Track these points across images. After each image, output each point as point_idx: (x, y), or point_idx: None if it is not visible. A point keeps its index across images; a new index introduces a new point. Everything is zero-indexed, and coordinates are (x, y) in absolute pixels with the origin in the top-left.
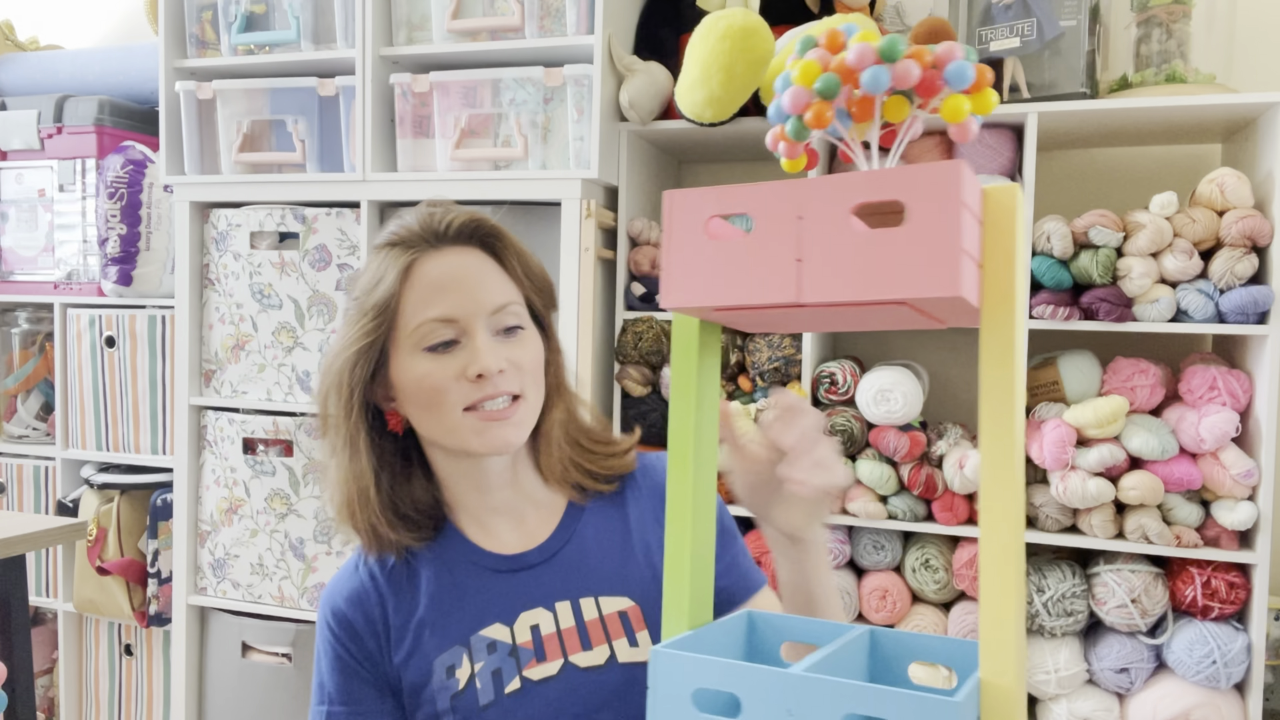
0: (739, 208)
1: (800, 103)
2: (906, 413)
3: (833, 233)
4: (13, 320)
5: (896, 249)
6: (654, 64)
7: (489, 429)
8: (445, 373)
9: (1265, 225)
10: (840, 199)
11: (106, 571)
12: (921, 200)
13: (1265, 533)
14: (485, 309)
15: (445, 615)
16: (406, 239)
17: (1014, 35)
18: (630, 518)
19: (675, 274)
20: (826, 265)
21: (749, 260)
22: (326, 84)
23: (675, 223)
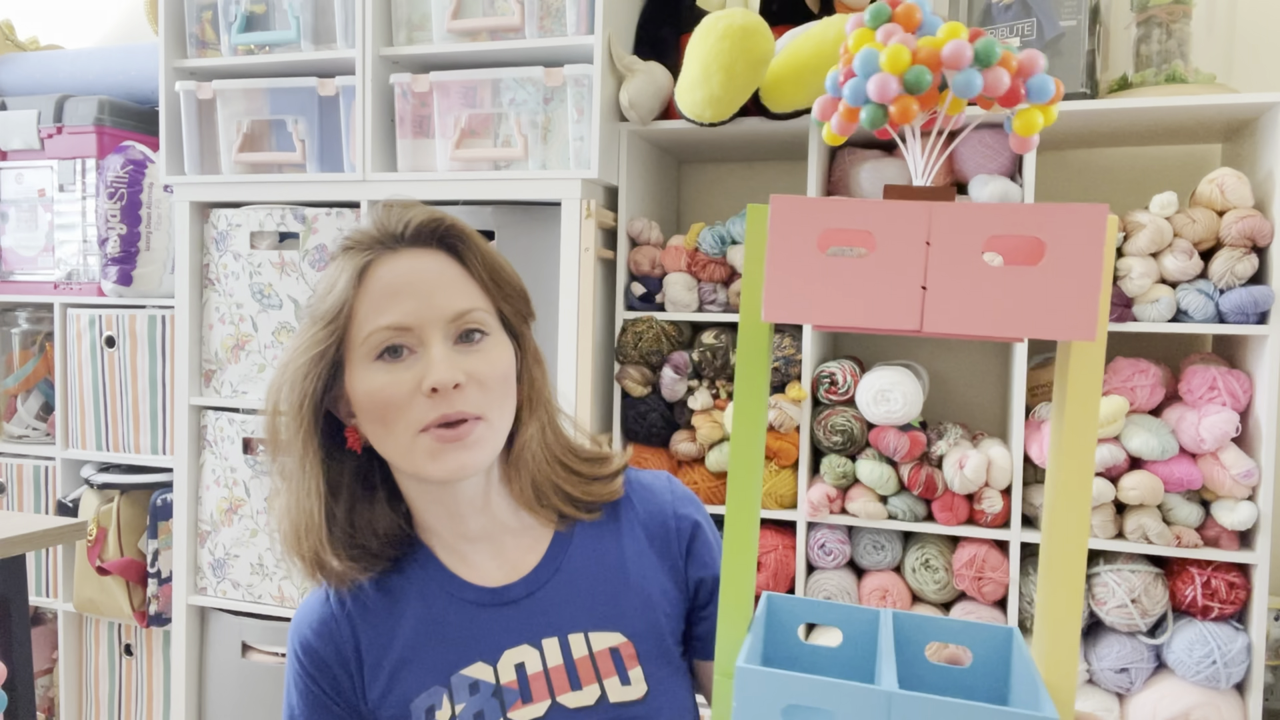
0: (860, 224)
1: (888, 92)
2: (906, 413)
3: (963, 263)
4: (13, 320)
5: (1032, 288)
6: (654, 64)
7: (444, 453)
8: (400, 386)
9: (1265, 225)
10: (974, 229)
11: (106, 571)
12: (1065, 242)
13: (1265, 533)
14: (443, 315)
15: (424, 652)
16: (361, 241)
17: (1014, 35)
18: (625, 546)
19: (783, 287)
20: (954, 296)
21: (869, 281)
22: (326, 84)
23: (784, 232)
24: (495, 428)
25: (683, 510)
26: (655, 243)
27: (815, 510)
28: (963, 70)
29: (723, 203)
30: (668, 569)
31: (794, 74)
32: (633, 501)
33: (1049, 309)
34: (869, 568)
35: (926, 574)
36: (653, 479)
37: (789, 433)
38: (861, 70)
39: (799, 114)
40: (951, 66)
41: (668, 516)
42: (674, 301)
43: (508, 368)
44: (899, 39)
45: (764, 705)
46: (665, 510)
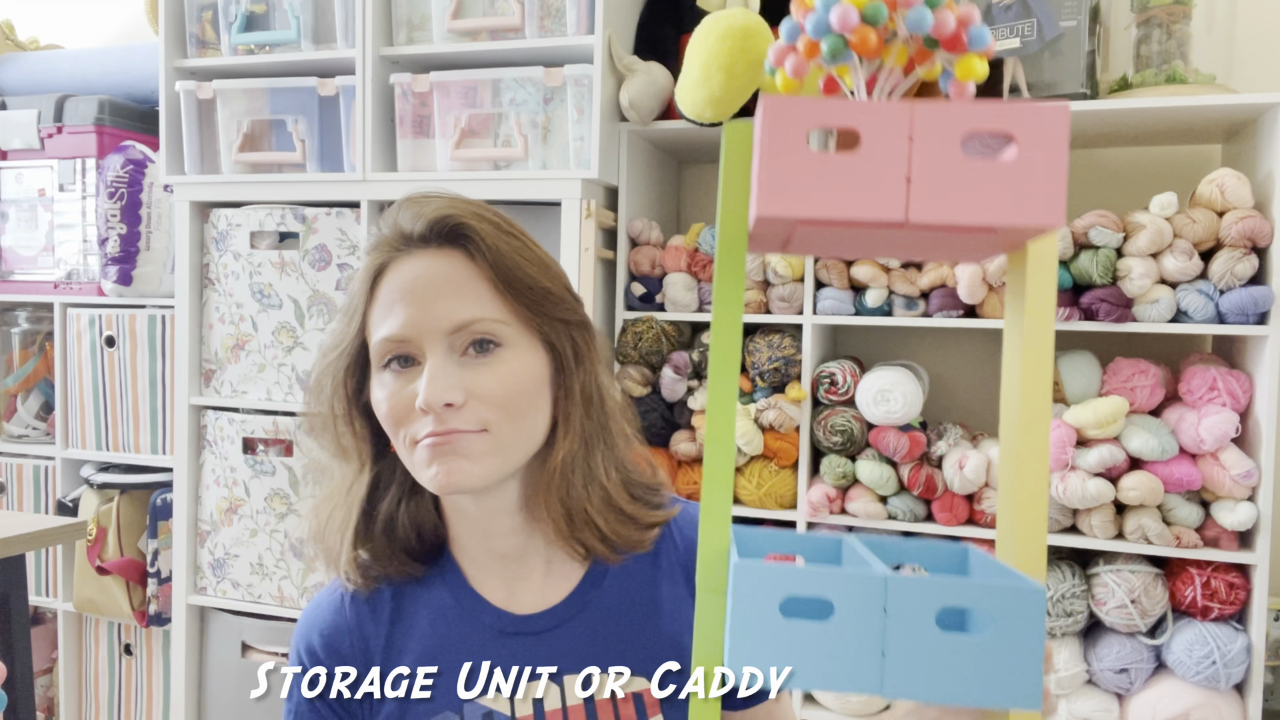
0: (848, 122)
1: (849, 21)
2: (906, 413)
3: (944, 157)
4: (13, 320)
5: (1005, 179)
6: (654, 64)
7: (438, 464)
8: (400, 399)
9: (1265, 226)
10: (952, 126)
11: (106, 571)
12: (1033, 136)
13: (1265, 533)
14: (443, 326)
15: (438, 674)
16: (379, 244)
17: (1014, 35)
18: (661, 588)
19: (774, 182)
20: (936, 187)
21: (857, 175)
22: (326, 84)
23: (774, 130)
24: (504, 442)
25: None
26: (655, 243)
27: (815, 510)
28: (915, 6)
29: None
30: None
31: None
32: (675, 540)
33: (1021, 196)
34: None
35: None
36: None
37: (789, 433)
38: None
39: None
40: (904, 4)
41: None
42: (674, 301)
43: (526, 381)
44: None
45: (762, 599)
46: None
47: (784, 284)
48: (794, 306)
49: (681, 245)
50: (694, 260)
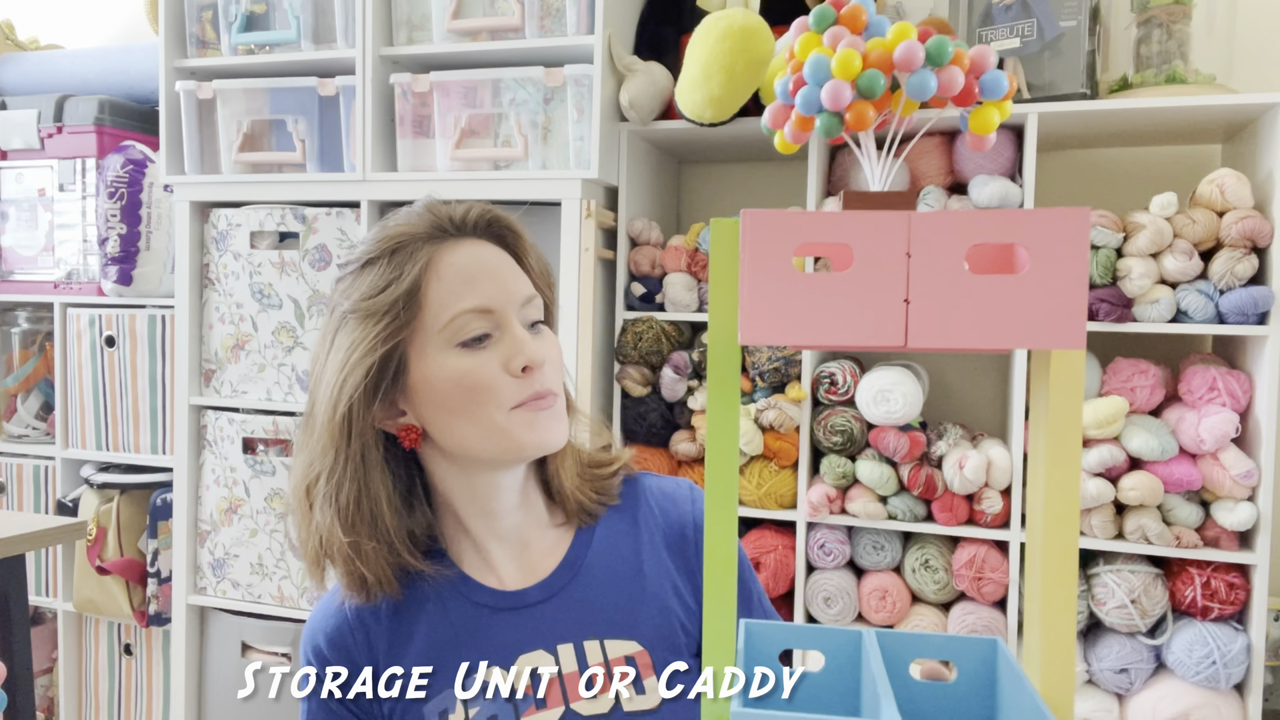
0: (836, 237)
1: (842, 100)
2: (906, 413)
3: (946, 274)
4: (13, 320)
5: (1016, 296)
6: (654, 64)
7: (538, 422)
8: (489, 367)
9: (1265, 226)
10: (955, 238)
11: (106, 571)
12: (1047, 248)
13: (1265, 533)
14: (517, 300)
15: (438, 658)
16: (417, 235)
17: (1014, 36)
18: (643, 554)
19: (759, 307)
20: (938, 309)
21: (850, 298)
22: (326, 84)
23: (757, 248)
24: (564, 404)
25: (701, 521)
26: (655, 243)
27: (815, 510)
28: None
29: (723, 203)
30: (685, 579)
31: None
32: (653, 509)
33: (1035, 317)
34: (869, 568)
35: (926, 574)
36: (674, 487)
37: (789, 433)
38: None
39: None
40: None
41: (687, 526)
42: (674, 301)
43: (560, 354)
44: (847, 43)
45: None
46: (685, 520)
47: None
48: None
49: (681, 245)
50: (694, 260)
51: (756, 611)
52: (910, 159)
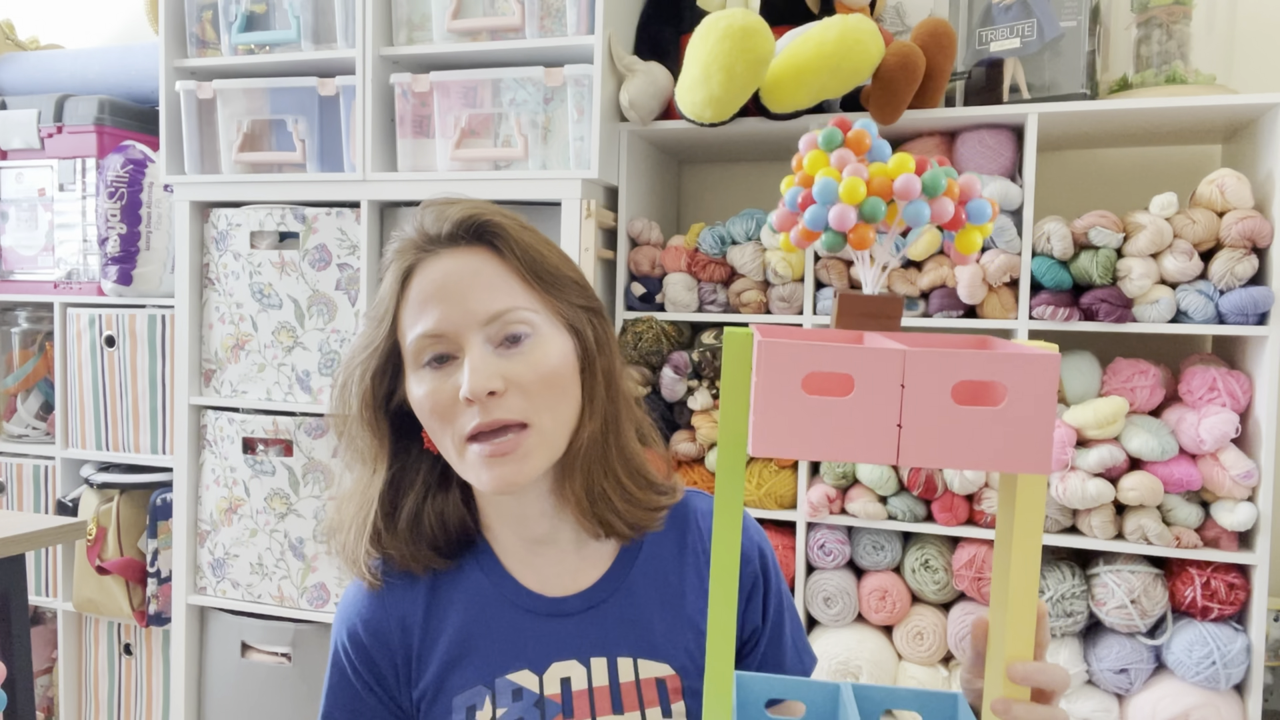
0: (842, 368)
1: (847, 223)
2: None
3: (934, 405)
4: (13, 320)
5: (994, 427)
6: (654, 64)
7: (491, 467)
8: (442, 395)
9: (1265, 226)
10: (943, 374)
11: (106, 571)
12: (1022, 387)
13: (1265, 534)
14: (477, 318)
15: (471, 652)
16: (405, 248)
17: (1014, 36)
18: (686, 578)
19: (769, 424)
20: (926, 434)
21: (849, 419)
22: (327, 84)
23: (769, 373)
24: (546, 434)
25: (750, 553)
26: (655, 243)
27: (815, 511)
28: (912, 201)
29: (723, 203)
30: None
31: (794, 74)
32: (700, 532)
33: (1009, 445)
34: (869, 568)
35: (926, 574)
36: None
37: None
38: (821, 199)
39: (799, 114)
40: (902, 197)
41: None
42: (674, 302)
43: (558, 365)
44: (852, 169)
45: None
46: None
47: (784, 284)
48: (794, 306)
49: (681, 245)
50: (694, 260)
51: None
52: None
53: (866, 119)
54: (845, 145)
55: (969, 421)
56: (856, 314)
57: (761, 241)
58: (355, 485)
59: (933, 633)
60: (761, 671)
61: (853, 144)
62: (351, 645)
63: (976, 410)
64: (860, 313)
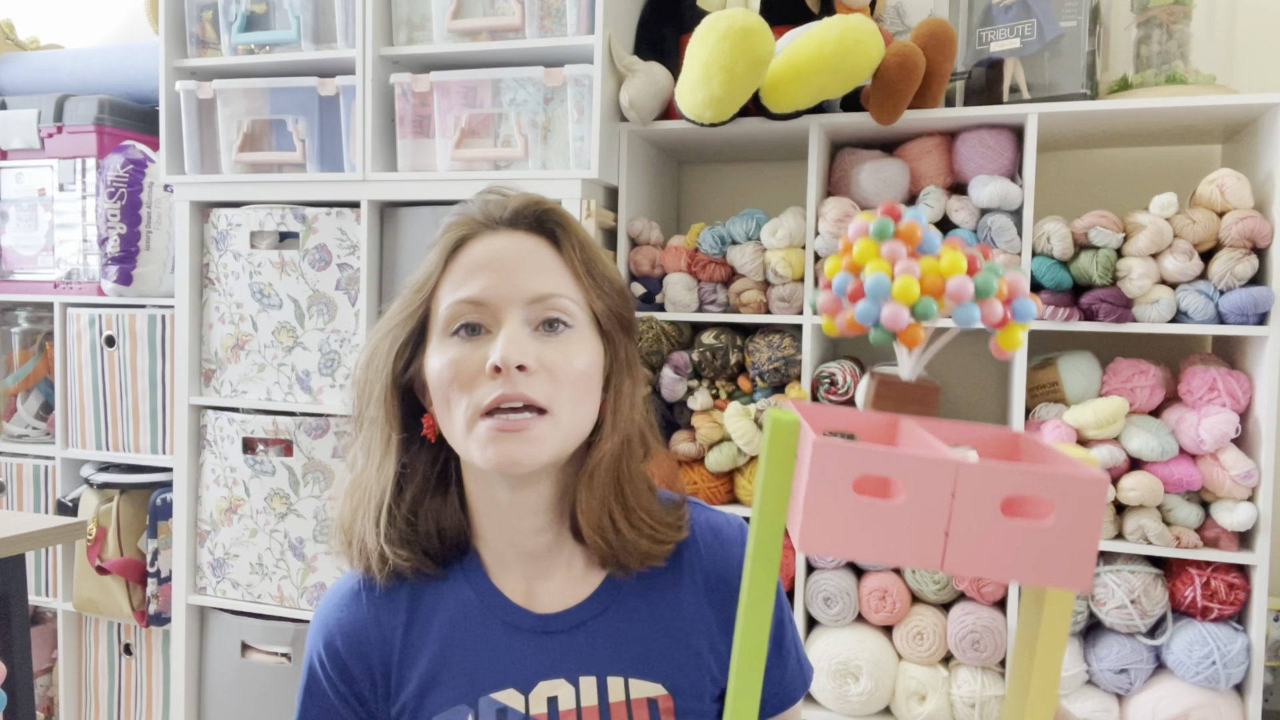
0: (893, 474)
1: (899, 323)
2: None
3: (983, 517)
4: (13, 319)
5: (1039, 542)
6: (654, 64)
7: (499, 442)
8: (467, 362)
9: (1265, 226)
10: (994, 488)
11: (106, 571)
12: (1070, 507)
13: (1265, 534)
14: (523, 295)
15: (454, 668)
16: (460, 221)
17: (1014, 36)
18: (683, 595)
19: (817, 523)
20: (973, 544)
21: (897, 523)
22: (326, 84)
23: (821, 473)
24: (561, 426)
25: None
26: (655, 243)
27: None
28: (963, 304)
29: (723, 203)
30: (723, 625)
31: (794, 75)
32: (699, 548)
33: (1052, 561)
34: (868, 568)
35: (926, 574)
36: (725, 524)
37: None
38: (872, 294)
39: (799, 114)
40: (954, 300)
41: (733, 573)
42: (674, 302)
43: (589, 365)
44: (906, 267)
45: None
46: (732, 566)
47: (784, 284)
48: (794, 306)
49: (681, 245)
50: (694, 260)
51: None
52: (910, 159)
53: (917, 210)
54: (897, 236)
55: (1015, 535)
56: (893, 399)
57: (761, 241)
58: (363, 473)
59: (933, 633)
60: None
61: (904, 236)
62: (328, 656)
63: (1024, 524)
64: (897, 397)
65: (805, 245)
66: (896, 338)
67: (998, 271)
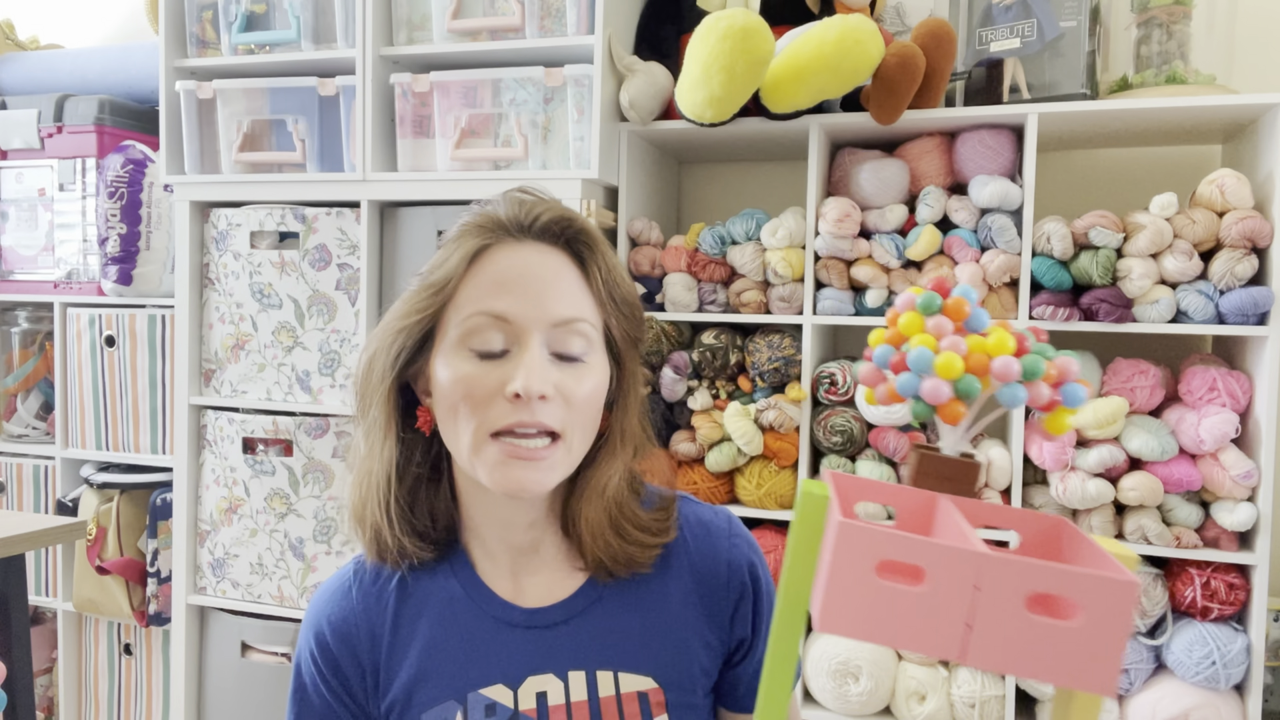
0: (918, 561)
1: (940, 398)
2: (906, 413)
3: (1007, 612)
4: (13, 319)
5: (1065, 641)
6: (654, 64)
7: (511, 467)
8: (484, 382)
9: (1265, 226)
10: (1020, 583)
11: (106, 571)
12: (1099, 609)
13: (1265, 534)
14: (548, 318)
15: (442, 664)
16: (485, 224)
17: (1014, 36)
18: (670, 588)
19: (838, 604)
20: (996, 639)
21: (919, 611)
22: (326, 84)
23: (844, 556)
24: (572, 451)
25: (737, 561)
26: (655, 243)
27: None
28: (1009, 385)
29: (723, 203)
30: (711, 619)
31: (794, 75)
32: (687, 541)
33: (1078, 662)
34: None
35: None
36: (712, 518)
37: (789, 433)
38: (915, 367)
39: (799, 114)
40: (1000, 379)
41: (720, 566)
42: (674, 302)
43: (598, 390)
44: (950, 343)
45: None
46: (719, 558)
47: (784, 284)
48: (794, 306)
49: (681, 245)
50: (694, 260)
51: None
52: (910, 159)
53: (967, 286)
54: (943, 312)
55: (1040, 632)
56: (933, 475)
57: (761, 241)
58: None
59: None
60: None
61: (951, 312)
62: (319, 650)
63: (1049, 623)
64: (937, 474)
65: (805, 245)
66: (937, 412)
67: (1047, 354)
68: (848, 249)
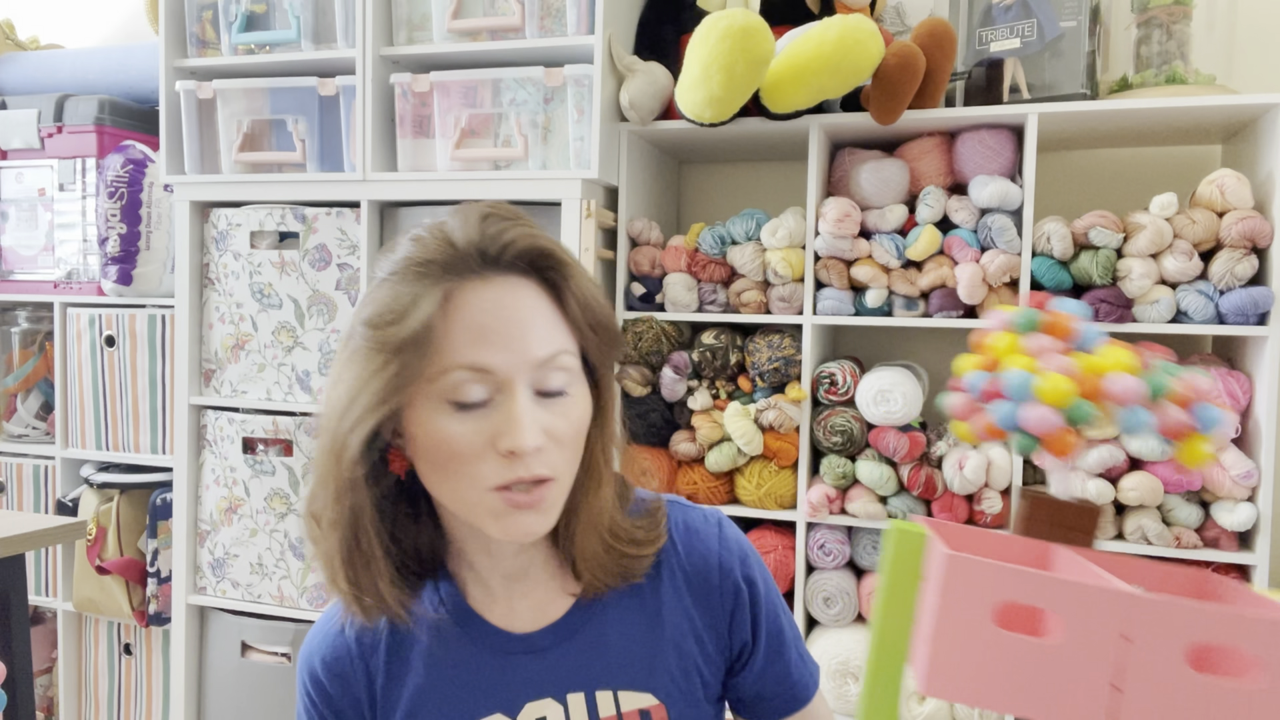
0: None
1: (1049, 427)
2: (906, 413)
3: (1164, 668)
4: (13, 319)
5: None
6: (654, 64)
7: (515, 517)
8: (475, 439)
9: (1265, 226)
10: (1179, 631)
11: (106, 571)
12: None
13: (1265, 534)
14: (530, 361)
15: (438, 696)
16: (444, 260)
17: (1014, 36)
18: (664, 599)
19: (948, 659)
20: (1152, 703)
21: (1051, 669)
22: (327, 84)
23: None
24: (564, 487)
25: (729, 564)
26: (655, 243)
27: (815, 511)
28: (1129, 408)
29: (723, 203)
30: (708, 625)
31: (794, 75)
32: (677, 548)
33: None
34: (869, 568)
35: None
36: (702, 522)
37: (789, 433)
38: (1014, 395)
39: (799, 114)
40: (1118, 403)
41: (712, 570)
42: (674, 302)
43: (583, 421)
44: (1058, 366)
45: None
46: (710, 562)
47: (784, 284)
48: (794, 306)
49: (681, 245)
50: (694, 260)
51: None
52: (910, 159)
53: (1075, 302)
54: (1043, 330)
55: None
56: (1046, 522)
57: (761, 241)
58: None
59: None
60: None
61: (1054, 328)
62: (314, 688)
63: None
64: (1051, 521)
65: (805, 245)
66: (1042, 445)
67: (1172, 371)
68: (848, 249)
